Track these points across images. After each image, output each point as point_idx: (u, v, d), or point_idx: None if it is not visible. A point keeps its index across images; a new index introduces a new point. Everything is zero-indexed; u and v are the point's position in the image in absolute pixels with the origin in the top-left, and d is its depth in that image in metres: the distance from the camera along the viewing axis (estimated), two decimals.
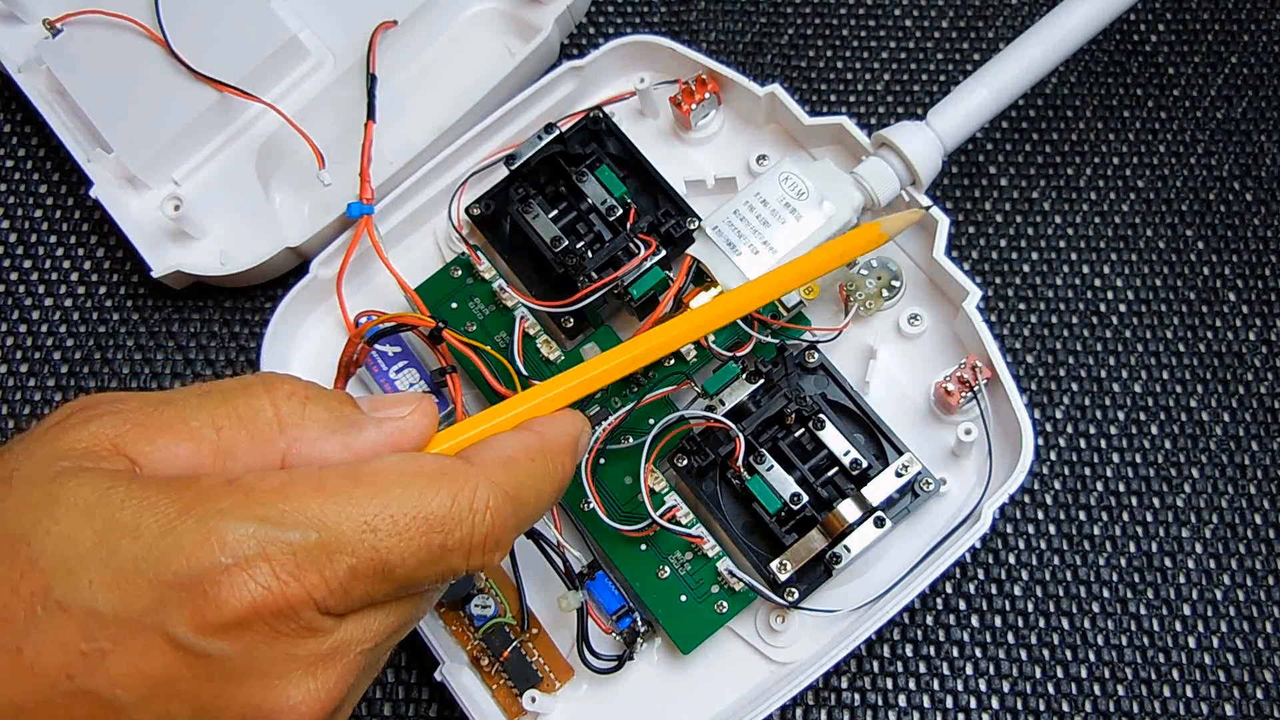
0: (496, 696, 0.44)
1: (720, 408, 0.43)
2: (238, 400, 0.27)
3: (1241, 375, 0.49)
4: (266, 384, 0.27)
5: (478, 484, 0.27)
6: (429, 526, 0.26)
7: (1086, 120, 0.53)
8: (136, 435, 0.26)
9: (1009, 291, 0.51)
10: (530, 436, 0.30)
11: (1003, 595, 0.47)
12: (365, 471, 0.26)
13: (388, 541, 0.26)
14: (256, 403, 0.27)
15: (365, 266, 0.49)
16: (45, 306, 0.52)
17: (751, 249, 0.44)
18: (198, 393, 0.27)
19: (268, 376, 0.28)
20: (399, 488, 0.26)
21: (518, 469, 0.29)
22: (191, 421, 0.26)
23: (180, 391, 0.27)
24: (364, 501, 0.26)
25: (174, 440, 0.26)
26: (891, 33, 0.55)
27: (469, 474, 0.28)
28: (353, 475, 0.26)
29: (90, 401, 0.27)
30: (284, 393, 0.27)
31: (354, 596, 0.26)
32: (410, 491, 0.26)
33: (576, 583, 0.42)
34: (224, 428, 0.26)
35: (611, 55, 0.50)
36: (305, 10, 0.53)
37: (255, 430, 0.27)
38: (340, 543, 0.25)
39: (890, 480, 0.42)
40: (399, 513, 0.26)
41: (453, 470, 0.27)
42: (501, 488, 0.28)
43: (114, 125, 0.51)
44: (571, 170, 0.47)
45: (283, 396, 0.27)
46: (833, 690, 0.46)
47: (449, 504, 0.27)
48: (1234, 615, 0.46)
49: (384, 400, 0.29)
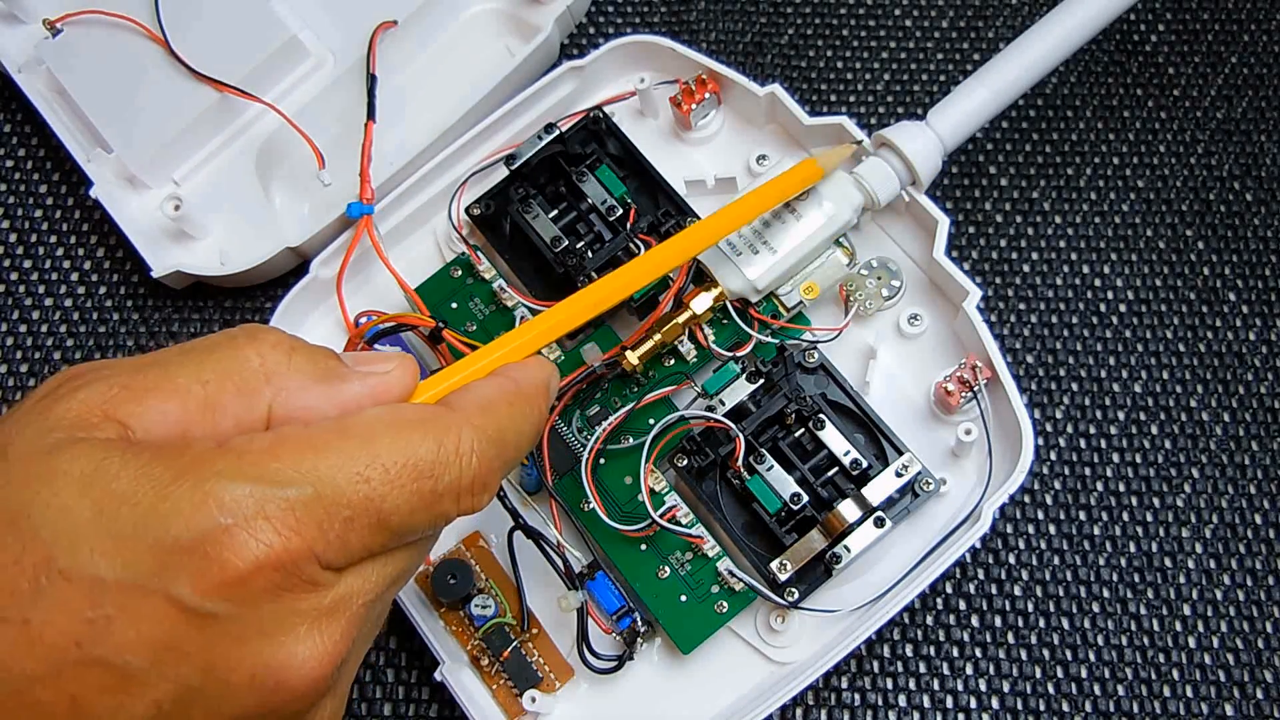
0: (496, 696, 0.44)
1: (720, 408, 0.43)
2: (222, 353, 0.27)
3: (1241, 375, 0.49)
4: (250, 335, 0.28)
5: (461, 428, 0.28)
6: (419, 473, 0.27)
7: (1086, 120, 0.53)
8: (125, 398, 0.26)
9: (1009, 291, 0.51)
10: (505, 382, 0.31)
11: (1003, 595, 0.47)
12: (352, 424, 0.27)
13: (381, 490, 0.26)
14: (241, 353, 0.27)
15: (365, 266, 0.49)
16: (45, 306, 0.52)
17: (752, 249, 0.44)
18: (182, 350, 0.27)
19: (251, 328, 0.28)
20: (387, 437, 0.27)
21: (497, 412, 0.30)
22: (178, 379, 0.27)
23: (165, 351, 0.28)
24: (354, 453, 0.26)
25: (162, 399, 0.26)
26: (891, 33, 0.55)
27: (452, 419, 0.28)
28: (340, 429, 0.27)
29: (77, 371, 0.27)
30: (269, 343, 0.28)
31: (353, 548, 0.26)
32: (398, 440, 0.27)
33: (576, 583, 0.42)
34: (210, 381, 0.27)
35: (611, 55, 0.50)
36: (305, 10, 0.53)
37: (241, 381, 0.27)
38: (335, 495, 0.26)
39: (890, 480, 0.42)
40: (389, 461, 0.26)
41: (436, 417, 0.28)
42: (484, 430, 0.29)
43: (114, 125, 0.50)
44: (571, 170, 0.47)
45: (268, 347, 0.28)
46: (833, 690, 0.46)
47: (436, 449, 0.27)
48: (1234, 615, 0.46)
49: (367, 356, 0.29)
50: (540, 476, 0.44)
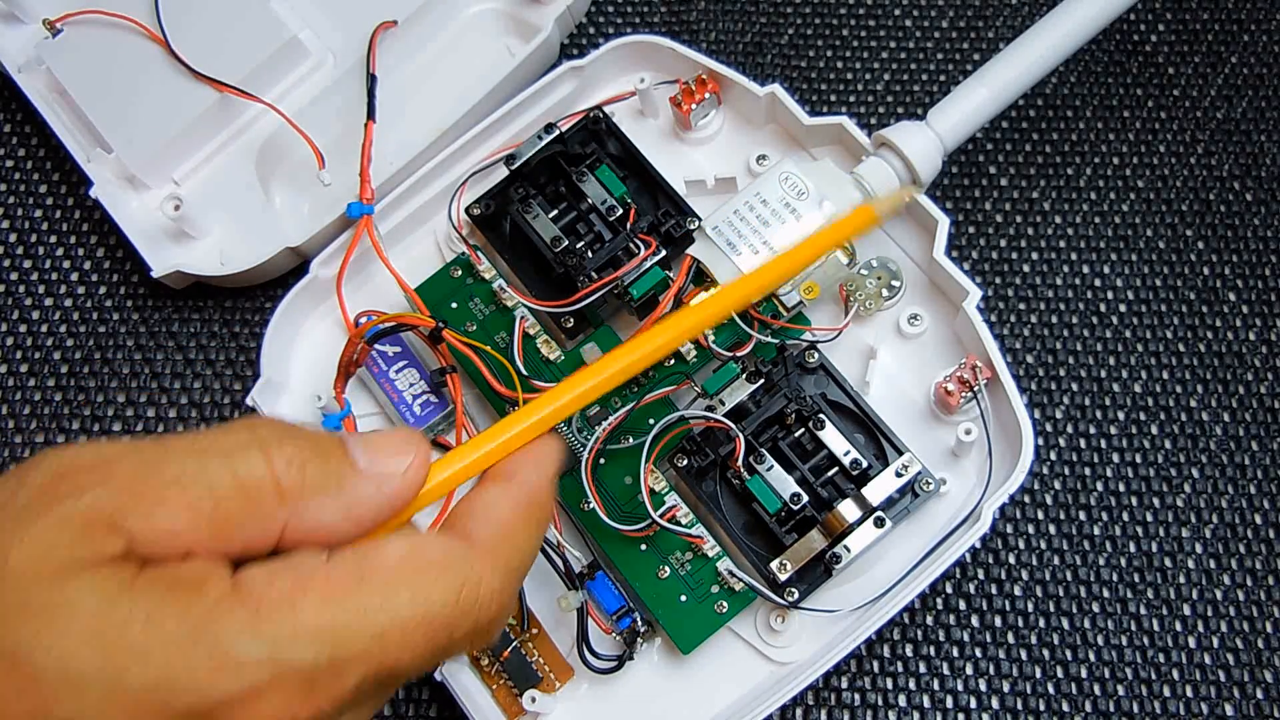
0: (496, 696, 0.44)
1: (720, 408, 0.43)
2: (237, 465, 0.26)
3: (1241, 375, 0.49)
4: (265, 449, 0.26)
5: (483, 573, 0.27)
6: (435, 628, 0.26)
7: (1086, 120, 0.53)
8: (132, 507, 0.24)
9: (1009, 291, 0.51)
10: (518, 490, 0.29)
11: (1003, 595, 0.47)
12: (371, 566, 0.26)
13: (396, 650, 0.25)
14: (256, 471, 0.26)
15: (365, 266, 0.49)
16: (45, 306, 0.52)
17: (751, 249, 0.44)
18: (194, 450, 0.26)
19: (264, 435, 0.26)
20: (406, 589, 0.26)
21: (515, 539, 0.29)
22: (189, 490, 0.25)
23: (174, 446, 0.26)
24: (374, 608, 0.25)
25: (171, 513, 0.25)
26: (891, 33, 0.55)
27: (472, 561, 0.27)
28: (359, 573, 0.26)
29: (77, 463, 0.25)
30: (283, 458, 0.26)
31: (356, 700, 0.26)
32: (418, 593, 0.26)
33: (576, 583, 0.42)
34: (223, 497, 0.25)
35: (611, 55, 0.50)
36: (305, 10, 0.53)
37: (255, 497, 0.26)
38: (350, 657, 0.25)
39: (890, 480, 0.42)
40: (408, 618, 0.26)
41: (457, 561, 0.27)
42: (504, 567, 0.28)
43: (114, 125, 0.51)
44: (571, 170, 0.47)
45: (282, 463, 0.26)
46: (833, 690, 0.46)
47: (455, 599, 0.26)
48: (1234, 615, 0.46)
49: (379, 447, 0.28)
50: None
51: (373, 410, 0.48)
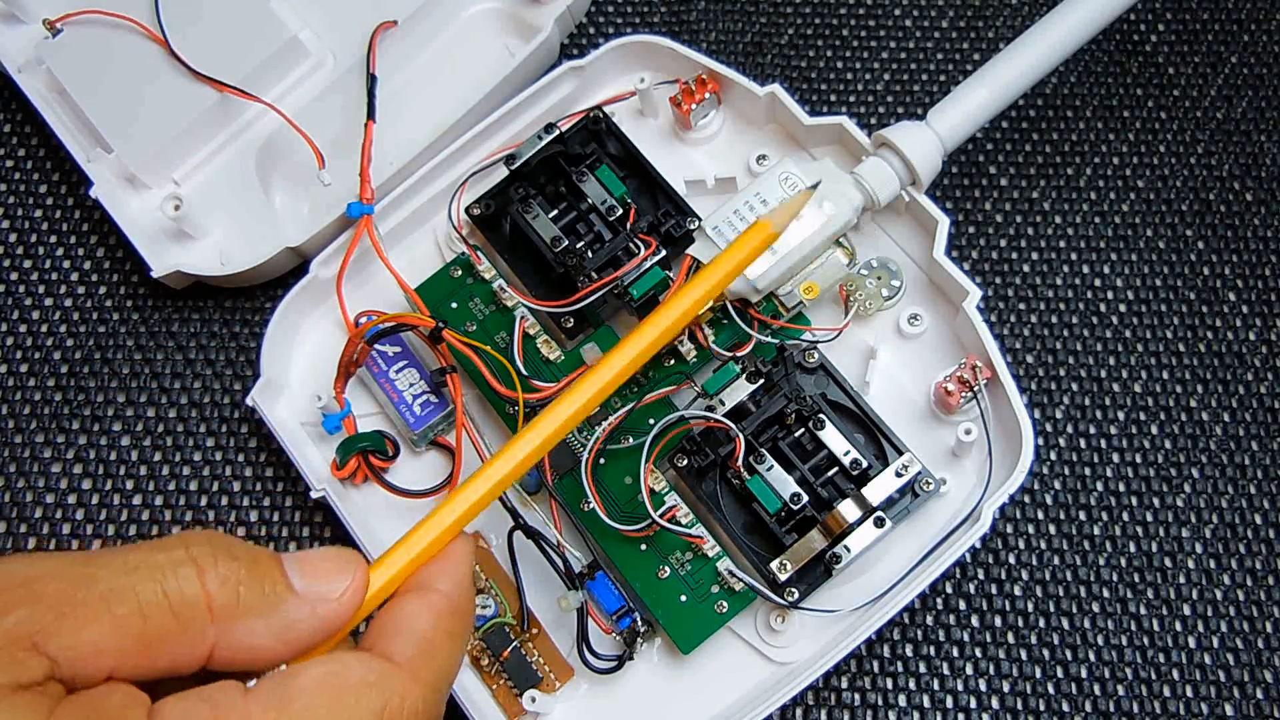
0: (496, 696, 0.44)
1: (720, 408, 0.43)
2: (168, 582, 0.25)
3: (1241, 375, 0.49)
4: (199, 565, 0.26)
5: (405, 691, 0.27)
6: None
7: (1086, 120, 0.53)
8: (57, 628, 0.24)
9: (1009, 291, 0.51)
10: (438, 601, 0.29)
11: (1003, 595, 0.47)
12: (291, 694, 0.25)
13: None
14: (188, 589, 0.25)
15: (365, 266, 0.49)
16: (45, 306, 0.52)
17: None
18: (124, 568, 0.25)
19: (198, 553, 0.26)
20: (328, 715, 0.25)
21: (438, 653, 0.28)
22: (117, 608, 0.24)
23: (105, 563, 0.25)
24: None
25: (98, 631, 0.24)
26: (891, 33, 0.55)
27: (395, 680, 0.27)
28: (279, 702, 0.25)
29: (5, 579, 0.24)
30: (217, 577, 0.26)
31: None
32: (341, 715, 0.25)
33: (576, 583, 0.42)
34: (151, 616, 0.25)
35: (611, 55, 0.50)
36: (305, 10, 0.53)
37: (185, 619, 0.25)
38: None
39: (890, 480, 0.42)
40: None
41: (380, 680, 0.26)
42: (427, 682, 0.27)
43: (114, 125, 0.51)
44: (571, 170, 0.47)
45: (216, 582, 0.26)
46: (833, 690, 0.46)
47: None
48: (1234, 615, 0.46)
49: (316, 568, 0.27)
50: (540, 476, 0.44)
51: (373, 410, 0.48)
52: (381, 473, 0.46)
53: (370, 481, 0.46)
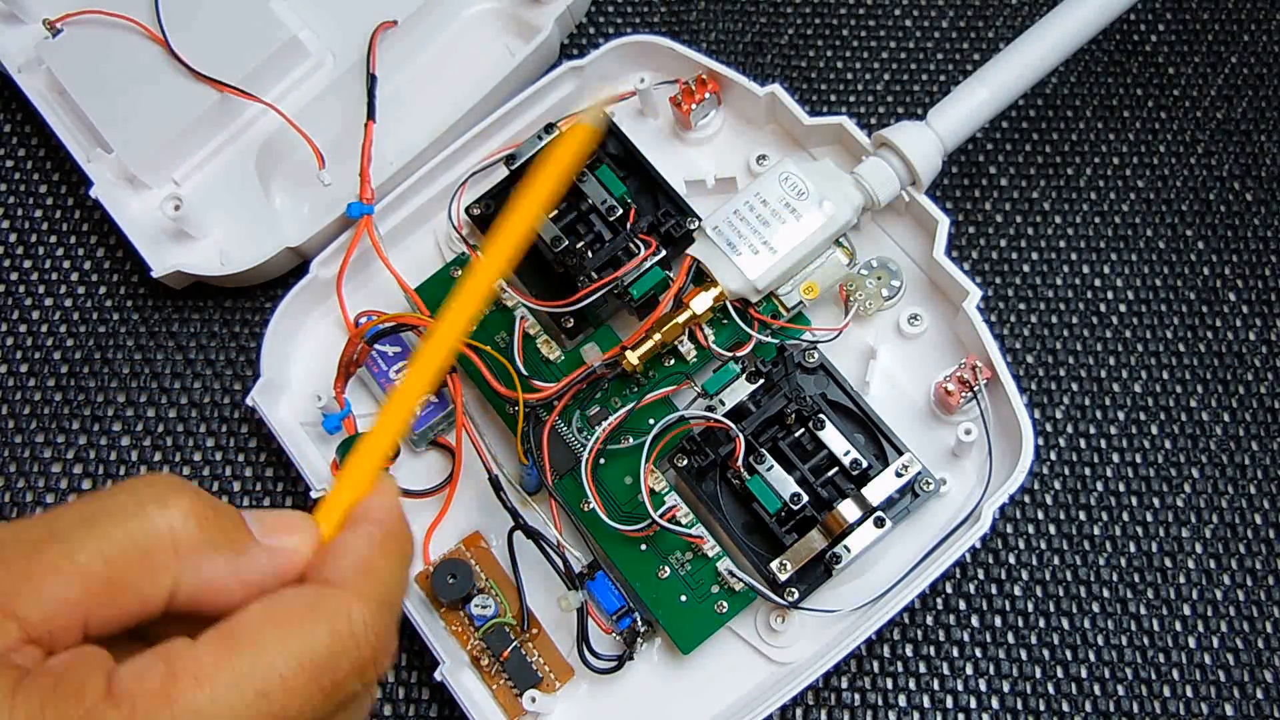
0: (496, 696, 0.44)
1: (720, 408, 0.43)
2: (130, 523, 0.25)
3: (1241, 375, 0.49)
4: (160, 500, 0.26)
5: (350, 607, 0.27)
6: (317, 669, 0.26)
7: (1086, 120, 0.53)
8: (20, 587, 0.24)
9: (1009, 291, 0.51)
10: (372, 529, 0.29)
11: (1003, 595, 0.47)
12: (239, 631, 0.26)
13: (283, 701, 0.25)
14: (150, 524, 0.26)
15: (365, 266, 0.49)
16: (45, 306, 0.52)
17: (751, 249, 0.44)
18: (84, 519, 0.25)
19: (162, 490, 0.26)
20: (276, 641, 0.25)
21: (378, 571, 0.28)
22: (79, 557, 0.25)
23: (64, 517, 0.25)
24: (248, 674, 0.25)
25: (62, 584, 0.24)
26: (891, 33, 0.55)
27: (337, 600, 0.27)
28: (228, 641, 0.25)
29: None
30: (181, 510, 0.26)
31: None
32: (289, 641, 0.25)
33: (576, 583, 0.42)
34: (115, 558, 0.25)
35: (611, 55, 0.50)
36: (305, 10, 0.53)
37: (149, 555, 0.25)
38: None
39: (890, 480, 0.42)
40: (285, 668, 0.25)
41: (322, 602, 0.27)
42: (372, 597, 0.27)
43: (114, 125, 0.51)
44: None
45: (179, 516, 0.26)
46: (833, 690, 0.46)
47: (329, 639, 0.26)
48: (1234, 615, 0.46)
49: (272, 523, 0.28)
50: (540, 476, 0.44)
51: (373, 410, 0.48)
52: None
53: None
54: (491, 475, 0.43)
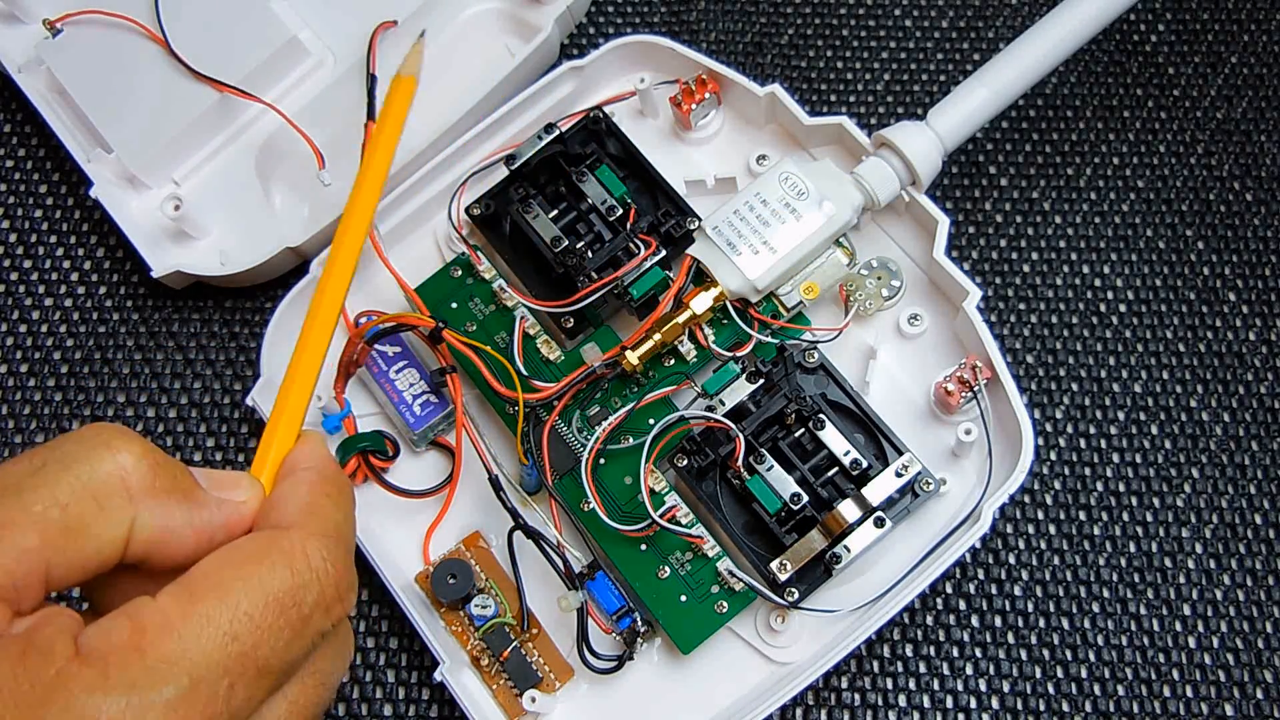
0: (496, 696, 0.44)
1: (720, 408, 0.43)
2: (81, 467, 0.26)
3: (1241, 375, 0.49)
4: (108, 443, 0.26)
5: (304, 544, 0.27)
6: (282, 605, 0.26)
7: (1086, 120, 0.53)
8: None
9: (1009, 291, 0.51)
10: (308, 474, 0.30)
11: (1003, 595, 0.47)
12: (199, 579, 0.26)
13: (253, 640, 0.25)
14: (102, 468, 0.26)
15: (365, 266, 0.49)
16: (45, 306, 0.52)
17: (751, 249, 0.44)
18: (34, 469, 0.25)
19: (108, 435, 0.26)
20: (238, 581, 0.26)
21: (322, 509, 0.29)
22: (34, 507, 0.25)
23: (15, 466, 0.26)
24: (215, 615, 0.25)
25: (20, 535, 0.24)
26: (891, 33, 0.55)
27: (290, 538, 0.27)
28: (188, 590, 0.26)
29: None
30: (132, 454, 0.26)
31: (241, 707, 0.25)
32: (250, 582, 0.26)
33: (576, 583, 0.42)
34: (69, 503, 0.25)
35: (611, 55, 0.50)
36: (305, 10, 0.53)
37: (103, 499, 0.26)
38: (210, 670, 0.25)
39: (890, 480, 0.42)
40: (250, 607, 0.26)
41: (274, 542, 0.27)
42: (323, 533, 0.28)
43: (114, 125, 0.51)
44: (571, 170, 0.47)
45: (130, 459, 0.26)
46: (833, 690, 0.46)
47: (289, 574, 0.27)
48: (1234, 615, 0.46)
49: (219, 479, 0.29)
50: (540, 476, 0.44)
51: (373, 410, 0.48)
52: (381, 473, 0.46)
53: (370, 481, 0.46)
54: (491, 475, 0.43)
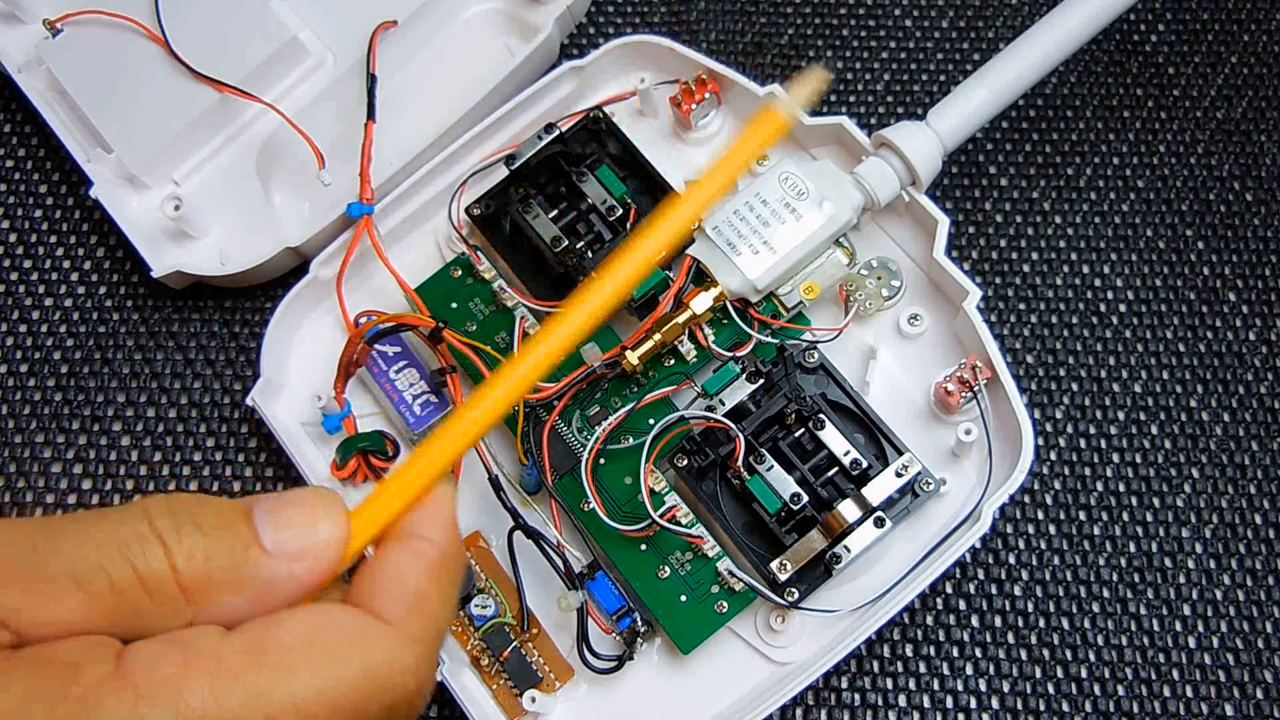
0: (496, 696, 0.44)
1: (720, 408, 0.43)
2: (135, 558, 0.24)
3: (1241, 375, 0.49)
4: (162, 539, 0.24)
5: (393, 649, 0.25)
6: (340, 710, 0.24)
7: (1086, 120, 0.53)
8: (22, 604, 0.23)
9: (1009, 291, 0.51)
10: (427, 550, 0.27)
11: (1003, 595, 0.47)
12: (270, 645, 0.24)
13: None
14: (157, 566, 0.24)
15: (365, 266, 0.49)
16: (45, 306, 0.52)
17: (751, 249, 0.44)
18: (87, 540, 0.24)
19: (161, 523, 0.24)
20: (308, 668, 0.24)
21: (429, 607, 0.26)
22: (88, 585, 0.23)
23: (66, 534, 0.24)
24: (270, 691, 0.23)
25: (69, 608, 0.23)
26: (891, 33, 0.55)
27: (381, 637, 0.25)
28: (254, 651, 0.24)
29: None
30: (183, 552, 0.24)
31: None
32: (319, 673, 0.24)
33: (576, 583, 0.42)
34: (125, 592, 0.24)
35: (611, 55, 0.50)
36: (305, 10, 0.53)
37: (158, 597, 0.24)
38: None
39: (890, 480, 0.42)
40: (305, 699, 0.23)
41: (365, 638, 0.25)
42: (418, 637, 0.25)
43: (114, 125, 0.51)
44: (571, 170, 0.47)
45: (182, 558, 0.24)
46: (833, 690, 0.46)
47: (364, 679, 0.24)
48: (1234, 615, 0.46)
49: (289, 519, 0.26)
50: (540, 476, 0.44)
51: (373, 410, 0.48)
52: (381, 473, 0.46)
53: (370, 481, 0.46)
54: (491, 475, 0.43)
